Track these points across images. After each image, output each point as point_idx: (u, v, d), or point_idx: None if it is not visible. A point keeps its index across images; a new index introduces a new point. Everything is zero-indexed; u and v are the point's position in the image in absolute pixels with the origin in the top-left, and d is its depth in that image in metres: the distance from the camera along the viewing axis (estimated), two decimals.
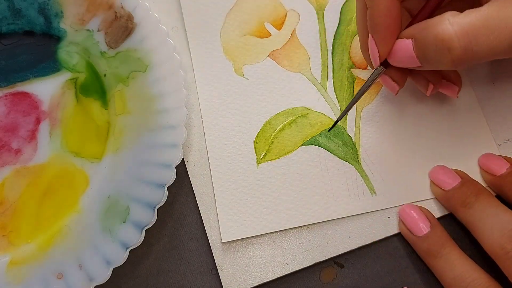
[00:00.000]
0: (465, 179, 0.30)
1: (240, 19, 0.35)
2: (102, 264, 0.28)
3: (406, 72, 0.29)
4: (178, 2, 0.36)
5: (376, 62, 0.28)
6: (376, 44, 0.27)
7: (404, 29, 0.27)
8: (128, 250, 0.29)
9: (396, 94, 0.30)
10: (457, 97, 0.32)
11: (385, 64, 0.28)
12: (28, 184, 0.31)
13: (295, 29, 0.35)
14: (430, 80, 0.30)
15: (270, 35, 0.35)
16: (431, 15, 0.27)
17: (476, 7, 0.25)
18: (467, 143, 0.32)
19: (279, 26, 0.35)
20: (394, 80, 0.29)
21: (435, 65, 0.26)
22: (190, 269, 0.31)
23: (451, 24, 0.24)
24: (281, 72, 0.34)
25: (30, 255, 0.29)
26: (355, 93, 0.34)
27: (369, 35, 0.28)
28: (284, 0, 0.36)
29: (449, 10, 0.25)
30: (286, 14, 0.35)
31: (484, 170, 0.31)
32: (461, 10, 0.25)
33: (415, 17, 0.28)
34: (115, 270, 0.29)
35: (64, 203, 0.31)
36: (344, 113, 0.31)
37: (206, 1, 0.36)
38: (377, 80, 0.30)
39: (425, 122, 0.33)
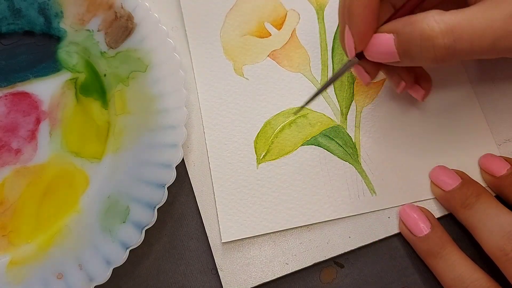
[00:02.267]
0: (465, 179, 0.30)
1: (240, 19, 0.35)
2: (102, 264, 0.28)
3: (379, 65, 0.29)
4: (178, 2, 0.36)
5: (351, 53, 0.28)
6: (352, 35, 0.27)
7: (384, 23, 0.27)
8: (128, 250, 0.29)
9: (367, 85, 0.30)
10: (423, 101, 0.32)
11: (359, 55, 0.28)
12: (28, 184, 0.31)
13: (295, 29, 0.35)
14: (403, 78, 0.30)
15: (270, 35, 0.35)
16: (413, 10, 0.27)
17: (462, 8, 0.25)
18: (467, 143, 0.32)
19: (279, 26, 0.35)
20: (366, 71, 0.29)
21: (415, 62, 0.26)
22: (190, 269, 0.31)
23: (436, 22, 0.24)
24: (281, 72, 0.34)
25: (30, 255, 0.30)
26: (355, 93, 0.34)
27: (346, 26, 0.27)
28: (284, 0, 0.36)
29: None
30: (286, 14, 0.35)
31: (484, 171, 0.31)
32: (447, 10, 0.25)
33: (396, 11, 0.27)
34: (115, 270, 0.29)
35: (64, 203, 0.31)
36: (310, 98, 0.29)
37: (206, 1, 0.36)
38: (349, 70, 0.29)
39: (425, 122, 0.33)
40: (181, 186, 0.33)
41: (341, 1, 0.29)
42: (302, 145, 0.33)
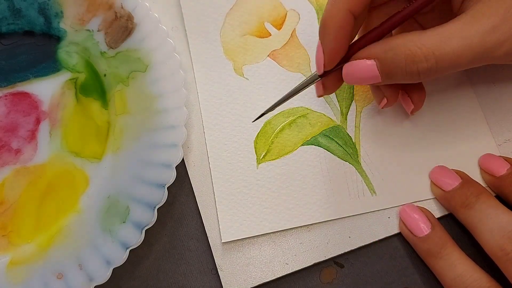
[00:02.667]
0: (465, 179, 0.30)
1: (240, 19, 0.35)
2: (102, 264, 0.28)
3: (340, 81, 0.29)
4: (178, 2, 0.36)
5: (320, 69, 0.28)
6: (323, 53, 0.27)
7: (355, 42, 0.27)
8: (128, 250, 0.29)
9: (319, 97, 0.31)
10: (412, 114, 0.32)
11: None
12: (28, 184, 0.31)
13: (295, 29, 0.35)
14: (386, 95, 0.30)
15: (270, 35, 0.35)
16: (386, 33, 0.27)
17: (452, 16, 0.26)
18: (467, 143, 0.32)
19: (279, 26, 0.35)
20: (324, 88, 0.30)
21: (399, 81, 0.27)
22: (190, 269, 0.31)
23: (418, 47, 0.25)
24: (281, 72, 0.34)
25: (30, 255, 0.29)
26: (355, 93, 0.34)
27: (319, 41, 0.28)
28: (284, 0, 0.36)
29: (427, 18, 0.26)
30: (286, 14, 0.35)
31: (484, 171, 0.31)
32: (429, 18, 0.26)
33: (367, 33, 0.27)
34: (115, 270, 0.29)
35: (64, 203, 0.31)
36: (268, 110, 0.30)
37: (206, 1, 0.36)
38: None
39: (425, 122, 0.33)
40: (181, 186, 0.33)
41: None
42: (302, 145, 0.33)
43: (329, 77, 0.29)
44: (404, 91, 0.31)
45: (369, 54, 0.27)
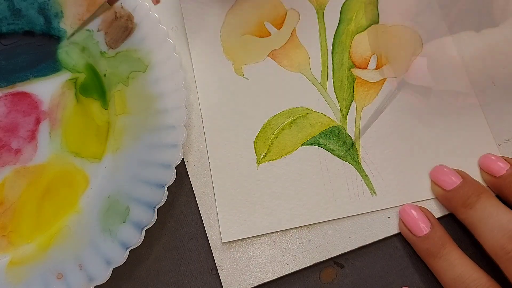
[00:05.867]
0: (466, 179, 0.30)
1: (240, 19, 0.35)
2: (102, 264, 0.28)
3: None
4: (178, 2, 0.36)
5: None
6: None
7: None
8: (128, 250, 0.29)
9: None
10: None
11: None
12: (28, 184, 0.31)
13: (295, 28, 0.35)
14: None
15: (270, 35, 0.35)
16: None
17: None
18: (467, 143, 0.32)
19: (279, 25, 0.35)
20: None
21: None
22: (190, 269, 0.31)
23: None
24: (281, 72, 0.34)
25: (30, 255, 0.29)
26: (355, 93, 0.34)
27: None
28: None
29: None
30: (286, 13, 0.35)
31: (484, 171, 0.31)
32: None
33: None
34: (115, 270, 0.29)
35: (64, 203, 0.31)
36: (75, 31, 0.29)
37: (206, 1, 0.36)
38: None
39: (425, 122, 0.33)
40: (181, 186, 0.33)
41: None
42: (302, 145, 0.33)
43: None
44: None
45: None
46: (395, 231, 0.31)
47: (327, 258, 0.31)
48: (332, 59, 0.34)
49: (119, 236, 0.29)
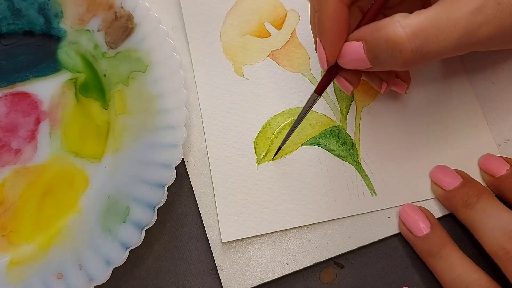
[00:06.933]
0: (466, 179, 0.30)
1: (240, 19, 0.35)
2: (102, 264, 0.28)
3: (359, 72, 0.29)
4: (178, 2, 0.36)
5: (323, 65, 0.28)
6: (323, 47, 0.27)
7: (353, 30, 0.27)
8: (128, 250, 0.29)
9: (350, 94, 0.31)
10: (406, 93, 0.32)
11: (321, 89, 0.29)
12: (28, 184, 0.31)
13: (295, 29, 0.35)
14: (384, 79, 0.30)
15: (270, 35, 0.35)
16: (377, 15, 0.27)
17: (425, 7, 0.25)
18: (467, 143, 0.32)
19: (279, 26, 0.35)
20: (348, 81, 0.29)
21: (386, 67, 0.26)
22: (190, 269, 0.31)
23: (402, 27, 0.24)
24: (281, 72, 0.34)
25: (30, 255, 0.29)
26: (355, 93, 0.34)
27: (317, 38, 0.28)
28: (284, 0, 0.36)
29: (399, 11, 0.25)
30: (286, 14, 0.35)
31: (484, 171, 0.31)
32: (411, 10, 0.25)
33: (363, 18, 0.27)
34: (115, 270, 0.29)
35: (64, 203, 0.31)
36: (285, 140, 0.31)
37: (206, 1, 0.36)
38: (313, 106, 0.29)
39: (425, 122, 0.33)
40: (181, 186, 0.33)
41: (311, 16, 0.29)
42: (302, 145, 0.33)
43: (346, 69, 0.28)
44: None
45: (358, 35, 0.26)
46: (395, 231, 0.31)
47: (327, 258, 0.31)
48: None
49: (119, 236, 0.29)
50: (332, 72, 0.28)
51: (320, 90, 0.29)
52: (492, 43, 0.26)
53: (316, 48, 0.29)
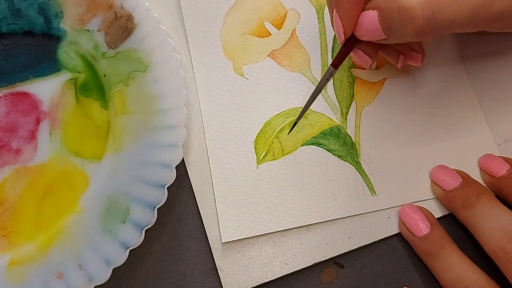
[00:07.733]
0: (466, 179, 0.30)
1: (240, 19, 0.35)
2: (102, 264, 0.29)
3: (376, 45, 0.29)
4: (178, 2, 0.36)
5: (340, 37, 0.28)
6: (340, 19, 0.27)
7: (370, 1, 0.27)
8: (128, 250, 0.29)
9: (369, 68, 0.31)
10: (421, 65, 0.32)
11: (337, 63, 0.28)
12: (28, 184, 0.31)
13: (295, 28, 0.35)
14: (401, 51, 0.30)
15: (270, 35, 0.35)
16: None
17: None
18: (467, 143, 0.32)
19: (279, 25, 0.35)
20: (366, 54, 0.29)
21: (399, 37, 0.26)
22: (190, 269, 0.31)
23: None
24: (281, 72, 0.34)
25: (30, 255, 0.30)
26: (355, 93, 0.34)
27: (334, 10, 0.28)
28: None
29: None
30: (286, 13, 0.35)
31: (484, 171, 0.31)
32: None
33: None
34: (115, 270, 0.29)
35: (64, 203, 0.31)
36: (303, 111, 0.30)
37: (206, 0, 0.36)
38: (330, 79, 0.29)
39: (425, 122, 0.33)
40: (181, 186, 0.33)
41: None
42: (302, 145, 0.33)
43: (364, 42, 0.28)
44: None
45: (373, 5, 0.26)
46: (395, 231, 0.31)
47: (327, 258, 0.31)
48: (332, 59, 0.34)
49: (119, 236, 0.29)
50: (349, 44, 0.28)
51: (336, 63, 0.29)
52: (504, 22, 0.25)
53: (332, 21, 0.29)
